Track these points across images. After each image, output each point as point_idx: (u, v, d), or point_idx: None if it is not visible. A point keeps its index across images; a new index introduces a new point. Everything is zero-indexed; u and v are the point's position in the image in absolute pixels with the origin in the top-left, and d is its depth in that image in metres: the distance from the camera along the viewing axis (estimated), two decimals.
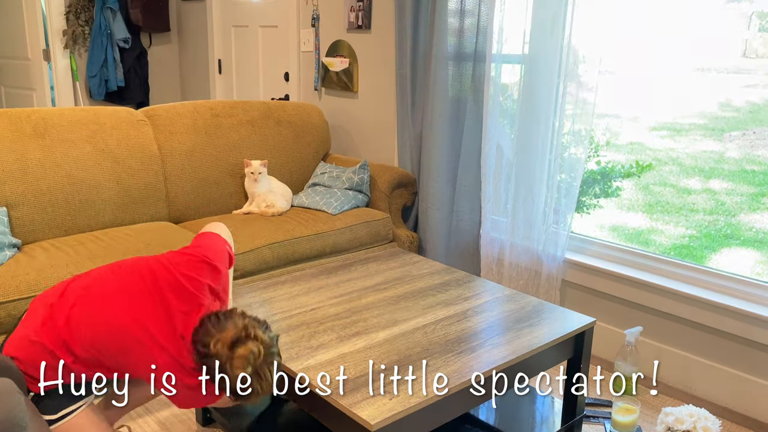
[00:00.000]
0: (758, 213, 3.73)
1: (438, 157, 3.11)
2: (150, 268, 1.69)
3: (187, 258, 1.74)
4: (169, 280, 1.66)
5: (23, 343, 1.63)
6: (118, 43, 4.70)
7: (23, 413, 1.33)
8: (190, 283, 1.67)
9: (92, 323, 1.60)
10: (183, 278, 1.67)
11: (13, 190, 2.57)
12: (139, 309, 1.62)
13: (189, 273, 1.69)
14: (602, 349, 2.83)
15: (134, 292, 1.64)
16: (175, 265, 1.70)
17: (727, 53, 3.76)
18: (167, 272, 1.68)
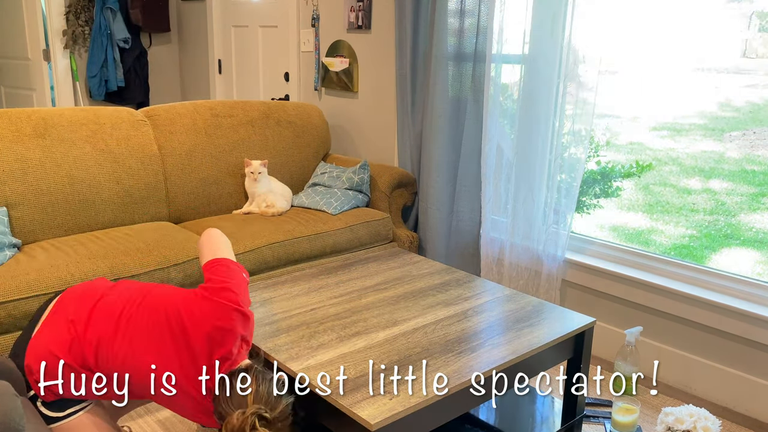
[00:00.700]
0: (758, 213, 3.73)
1: (438, 157, 3.11)
2: (179, 315, 1.64)
3: (218, 306, 1.65)
4: (200, 329, 1.61)
5: (49, 359, 1.64)
6: (118, 44, 4.70)
7: (20, 416, 1.33)
8: (218, 333, 1.62)
9: (120, 365, 1.64)
10: (213, 330, 1.61)
11: (13, 190, 2.57)
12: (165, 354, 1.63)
13: (220, 324, 1.62)
14: (602, 349, 2.83)
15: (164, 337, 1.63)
16: (206, 315, 1.63)
17: (727, 53, 3.75)
18: (198, 321, 1.62)
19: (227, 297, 1.65)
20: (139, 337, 1.63)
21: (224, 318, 1.62)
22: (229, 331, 1.62)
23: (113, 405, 1.95)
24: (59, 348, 1.64)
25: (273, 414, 1.53)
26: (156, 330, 1.64)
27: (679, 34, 3.77)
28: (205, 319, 1.61)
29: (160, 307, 1.67)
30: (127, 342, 1.64)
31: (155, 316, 1.65)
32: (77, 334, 1.65)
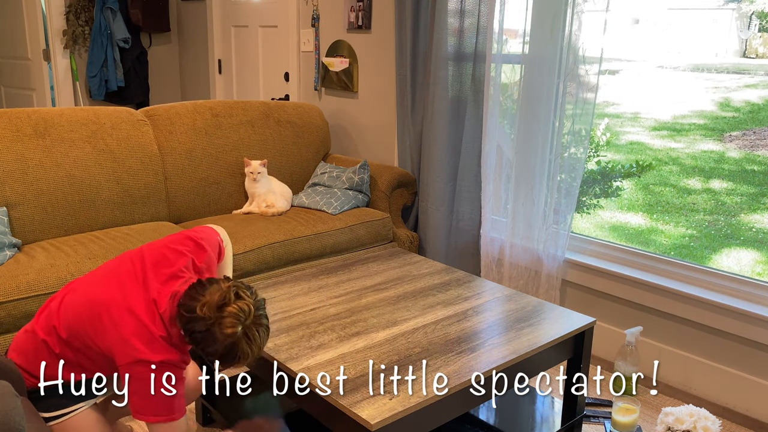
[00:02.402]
0: (758, 213, 3.73)
1: (438, 157, 3.11)
2: (140, 249, 1.71)
3: (173, 236, 1.76)
4: (153, 253, 1.68)
5: (20, 336, 1.67)
6: (118, 43, 4.70)
7: (20, 416, 1.33)
8: (171, 253, 1.68)
9: (75, 303, 1.62)
10: (165, 249, 1.69)
11: (13, 190, 2.57)
12: (118, 281, 1.62)
13: (172, 245, 1.71)
14: (602, 349, 2.83)
15: (120, 269, 1.66)
16: (161, 242, 1.72)
17: (727, 53, 3.76)
18: (152, 248, 1.70)
19: (185, 231, 1.78)
20: (100, 275, 1.66)
21: (177, 242, 1.71)
22: (177, 250, 1.68)
23: (113, 405, 1.95)
24: (31, 322, 1.67)
25: (250, 292, 1.55)
26: (116, 266, 1.67)
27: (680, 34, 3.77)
28: (161, 242, 1.71)
29: (128, 252, 1.73)
30: (87, 283, 1.65)
31: (120, 260, 1.69)
32: (49, 302, 1.68)
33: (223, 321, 1.48)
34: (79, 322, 1.59)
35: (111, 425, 2.01)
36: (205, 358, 1.56)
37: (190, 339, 1.52)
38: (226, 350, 1.50)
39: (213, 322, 1.48)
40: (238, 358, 1.51)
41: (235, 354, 1.50)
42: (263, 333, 1.54)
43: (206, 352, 1.51)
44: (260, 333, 1.53)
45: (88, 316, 1.59)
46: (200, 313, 1.49)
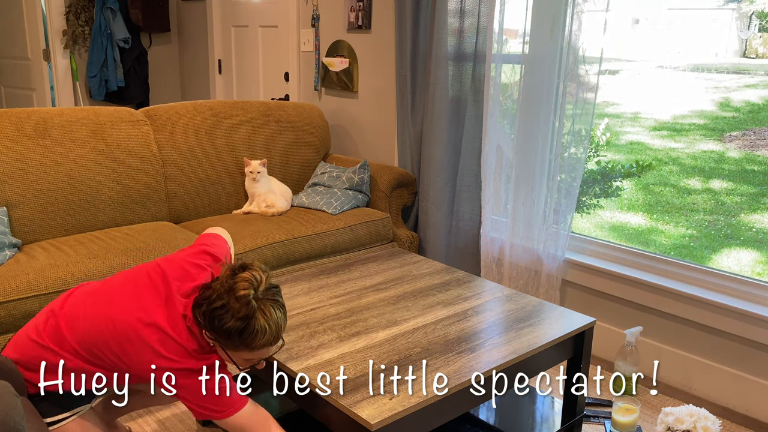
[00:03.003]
0: (758, 213, 3.73)
1: (438, 157, 3.11)
2: (156, 264, 1.71)
3: (189, 250, 1.78)
4: (173, 268, 1.69)
5: (22, 341, 1.64)
6: (118, 43, 4.70)
7: (20, 416, 1.33)
8: (192, 267, 1.69)
9: (93, 318, 1.60)
10: (185, 263, 1.70)
11: (13, 190, 2.57)
12: (138, 297, 1.62)
13: (191, 260, 1.72)
14: (602, 349, 2.83)
15: (138, 284, 1.65)
16: (179, 257, 1.73)
17: (726, 53, 3.76)
18: (171, 263, 1.70)
19: (198, 245, 1.81)
20: (114, 286, 1.66)
21: (196, 256, 1.74)
22: (198, 265, 1.70)
23: (113, 405, 1.95)
24: (35, 328, 1.65)
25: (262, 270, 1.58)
26: (133, 279, 1.67)
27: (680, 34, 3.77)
28: (179, 258, 1.72)
29: (142, 266, 1.74)
30: (100, 293, 1.65)
31: (135, 273, 1.70)
32: (53, 308, 1.67)
33: (235, 286, 1.51)
34: (101, 340, 1.59)
35: (110, 425, 2.01)
36: (229, 347, 1.56)
37: (210, 326, 1.53)
38: (243, 323, 1.50)
39: (227, 290, 1.51)
40: (256, 332, 1.51)
41: (252, 328, 1.51)
42: (279, 311, 1.56)
43: (226, 331, 1.51)
44: (276, 310, 1.55)
45: (111, 335, 1.58)
46: (214, 289, 1.53)
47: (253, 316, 1.51)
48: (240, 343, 1.53)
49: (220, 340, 1.55)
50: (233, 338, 1.52)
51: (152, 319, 1.58)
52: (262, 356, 1.60)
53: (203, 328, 1.57)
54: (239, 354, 1.58)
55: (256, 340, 1.53)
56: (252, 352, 1.57)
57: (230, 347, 1.56)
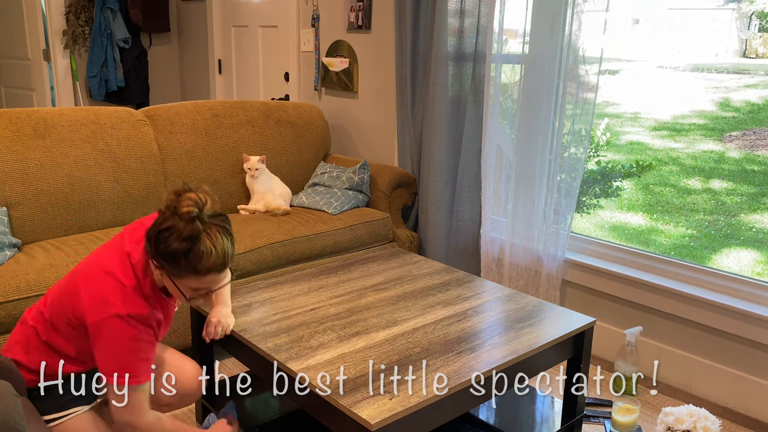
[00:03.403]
0: (758, 213, 3.73)
1: (438, 157, 3.11)
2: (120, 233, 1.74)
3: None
4: (130, 225, 1.72)
5: (15, 329, 1.71)
6: (118, 43, 4.70)
7: (20, 416, 1.33)
8: (147, 219, 1.71)
9: (58, 283, 1.68)
10: (141, 219, 1.74)
11: (13, 190, 2.57)
12: (94, 254, 1.67)
13: (148, 217, 1.74)
14: (602, 349, 2.83)
15: (100, 247, 1.70)
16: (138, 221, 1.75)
17: (726, 53, 3.76)
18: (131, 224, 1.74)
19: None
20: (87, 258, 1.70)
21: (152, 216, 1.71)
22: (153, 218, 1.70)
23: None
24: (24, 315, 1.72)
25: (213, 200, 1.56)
26: (99, 247, 1.71)
27: (679, 34, 3.77)
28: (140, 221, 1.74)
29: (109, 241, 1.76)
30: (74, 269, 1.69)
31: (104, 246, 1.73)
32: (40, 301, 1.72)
33: (179, 205, 1.50)
34: (59, 297, 1.63)
35: (111, 426, 2.01)
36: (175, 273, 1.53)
37: (157, 251, 1.51)
38: (189, 244, 1.48)
39: (172, 211, 1.50)
40: (201, 253, 1.49)
41: (198, 249, 1.49)
42: (226, 238, 1.54)
43: (171, 253, 1.49)
44: (222, 236, 1.53)
45: (67, 289, 1.62)
46: (161, 213, 1.53)
47: (198, 238, 1.49)
48: (186, 266, 1.50)
49: (167, 267, 1.52)
50: (179, 261, 1.50)
51: (103, 265, 1.59)
52: (209, 285, 1.57)
53: (152, 257, 1.54)
54: (186, 281, 1.54)
55: (201, 261, 1.50)
56: (198, 278, 1.53)
57: (176, 273, 1.53)
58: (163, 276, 1.57)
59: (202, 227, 1.50)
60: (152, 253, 1.53)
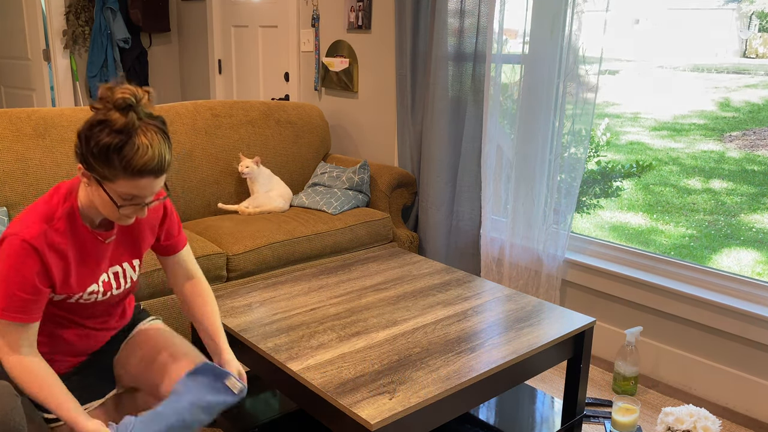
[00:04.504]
0: (758, 213, 3.73)
1: (438, 157, 3.11)
2: None
3: None
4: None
5: None
6: (118, 44, 4.70)
7: (20, 416, 1.33)
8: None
9: None
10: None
11: (13, 190, 2.57)
12: None
13: None
14: (602, 349, 2.83)
15: None
16: None
17: (726, 53, 3.76)
18: None
19: None
20: None
21: None
22: None
23: (120, 402, 1.92)
24: None
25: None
26: None
27: (680, 34, 3.77)
28: None
29: None
30: None
31: None
32: None
33: (114, 92, 1.37)
34: None
35: None
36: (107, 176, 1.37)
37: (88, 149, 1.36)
38: (123, 137, 1.33)
39: (105, 103, 1.37)
40: (136, 148, 1.34)
41: (133, 143, 1.33)
42: (164, 142, 1.39)
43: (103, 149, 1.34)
44: (160, 137, 1.38)
45: None
46: (93, 107, 1.39)
47: (133, 131, 1.34)
48: (119, 164, 1.34)
49: (98, 169, 1.36)
50: (111, 159, 1.34)
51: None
52: (143, 192, 1.40)
53: (81, 161, 1.39)
54: (118, 186, 1.37)
55: (136, 158, 1.34)
56: (132, 180, 1.36)
57: (107, 176, 1.36)
58: (91, 185, 1.41)
59: (137, 122, 1.36)
60: (82, 155, 1.38)
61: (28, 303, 1.42)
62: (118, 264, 1.62)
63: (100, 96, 1.38)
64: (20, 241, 1.39)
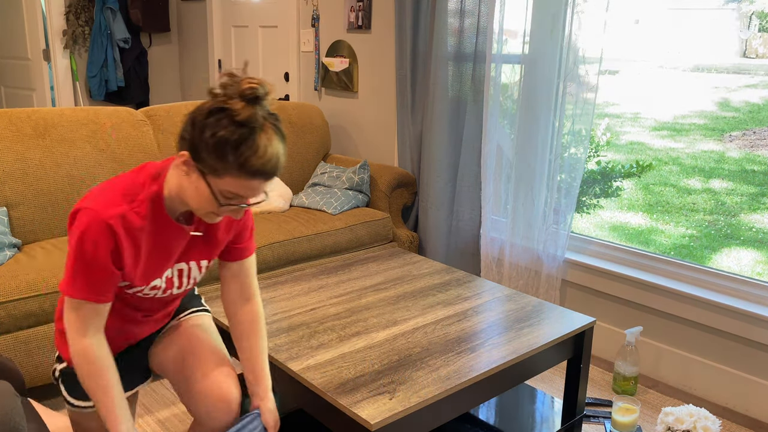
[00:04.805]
0: (758, 213, 3.73)
1: (438, 157, 3.11)
2: None
3: None
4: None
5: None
6: (118, 43, 4.70)
7: (20, 416, 1.33)
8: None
9: None
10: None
11: (13, 190, 2.57)
12: None
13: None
14: (602, 349, 2.83)
15: None
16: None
17: (726, 53, 3.76)
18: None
19: None
20: None
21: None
22: None
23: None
24: None
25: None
26: None
27: (680, 34, 3.77)
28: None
29: None
30: None
31: None
32: None
33: (241, 82, 1.24)
34: None
35: None
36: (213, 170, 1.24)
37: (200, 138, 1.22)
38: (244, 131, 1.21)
39: (226, 90, 1.23)
40: (256, 146, 1.21)
41: (253, 141, 1.21)
42: (281, 145, 1.27)
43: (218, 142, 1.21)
44: (279, 141, 1.26)
45: None
46: (210, 93, 1.25)
47: (256, 126, 1.22)
48: (233, 161, 1.21)
49: (207, 160, 1.23)
50: (225, 153, 1.21)
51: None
52: (248, 193, 1.27)
53: (187, 148, 1.25)
54: (223, 182, 1.24)
55: (253, 157, 1.22)
56: (241, 180, 1.24)
57: (216, 169, 1.23)
58: (191, 176, 1.28)
59: (261, 119, 1.23)
60: (191, 143, 1.24)
61: (102, 282, 1.32)
62: (185, 261, 1.48)
63: (222, 83, 1.24)
64: (98, 218, 1.28)
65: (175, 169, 1.34)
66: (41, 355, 2.24)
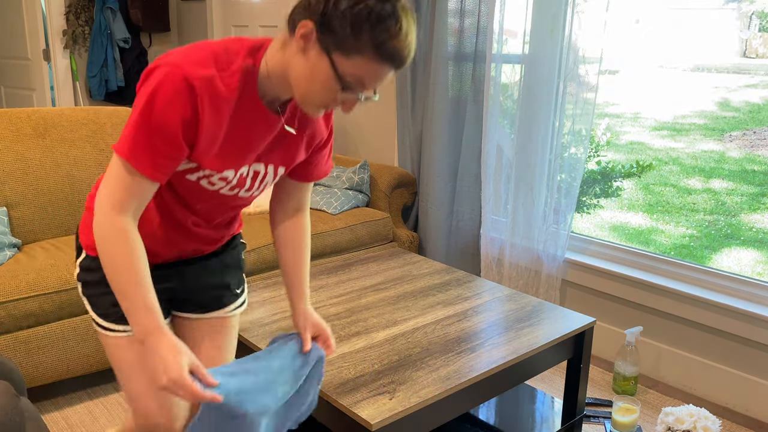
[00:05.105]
0: (758, 213, 3.73)
1: (438, 157, 3.11)
2: None
3: None
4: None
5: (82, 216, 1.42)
6: (118, 43, 4.70)
7: (20, 416, 1.33)
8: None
9: None
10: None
11: (13, 190, 2.57)
12: None
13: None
14: (602, 349, 2.83)
15: None
16: None
17: (726, 53, 3.76)
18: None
19: None
20: None
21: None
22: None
23: None
24: None
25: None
26: None
27: (680, 34, 3.77)
28: None
29: None
30: None
31: None
32: None
33: None
34: None
35: None
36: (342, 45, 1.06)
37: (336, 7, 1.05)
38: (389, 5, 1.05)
39: None
40: (399, 26, 1.06)
41: (397, 19, 1.06)
42: (416, 31, 1.15)
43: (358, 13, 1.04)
44: (414, 27, 1.11)
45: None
46: None
47: (399, 6, 1.07)
48: (368, 39, 1.05)
49: (338, 32, 1.05)
50: (361, 28, 1.04)
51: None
52: (374, 81, 1.12)
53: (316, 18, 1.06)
54: (351, 63, 1.08)
55: (392, 39, 1.06)
56: (373, 63, 1.08)
57: (347, 47, 1.06)
58: (309, 52, 1.09)
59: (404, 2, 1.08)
60: (321, 13, 1.06)
61: (163, 155, 1.11)
62: (263, 162, 1.27)
63: None
64: (180, 75, 1.07)
65: (282, 46, 1.14)
66: (41, 355, 2.24)
